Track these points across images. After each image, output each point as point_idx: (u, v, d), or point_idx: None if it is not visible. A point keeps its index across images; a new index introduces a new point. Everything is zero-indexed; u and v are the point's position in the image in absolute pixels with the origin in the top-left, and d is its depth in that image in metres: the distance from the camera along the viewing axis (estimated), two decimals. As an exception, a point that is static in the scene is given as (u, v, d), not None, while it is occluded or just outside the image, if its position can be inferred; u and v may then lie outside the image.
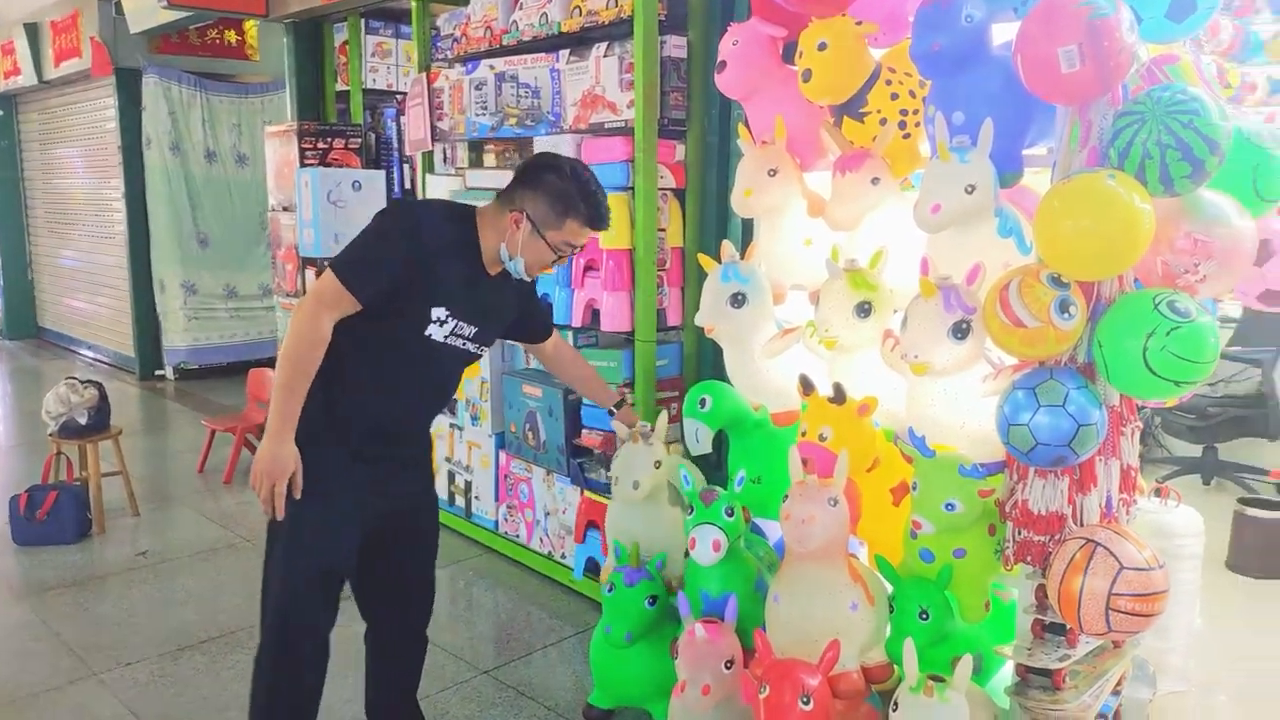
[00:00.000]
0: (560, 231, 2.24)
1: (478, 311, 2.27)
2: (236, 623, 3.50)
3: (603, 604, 2.60)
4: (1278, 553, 3.88)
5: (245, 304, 7.83)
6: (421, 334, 2.18)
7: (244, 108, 7.75)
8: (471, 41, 3.94)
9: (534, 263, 2.27)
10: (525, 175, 2.27)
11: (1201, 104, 2.06)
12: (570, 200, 2.22)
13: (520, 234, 2.21)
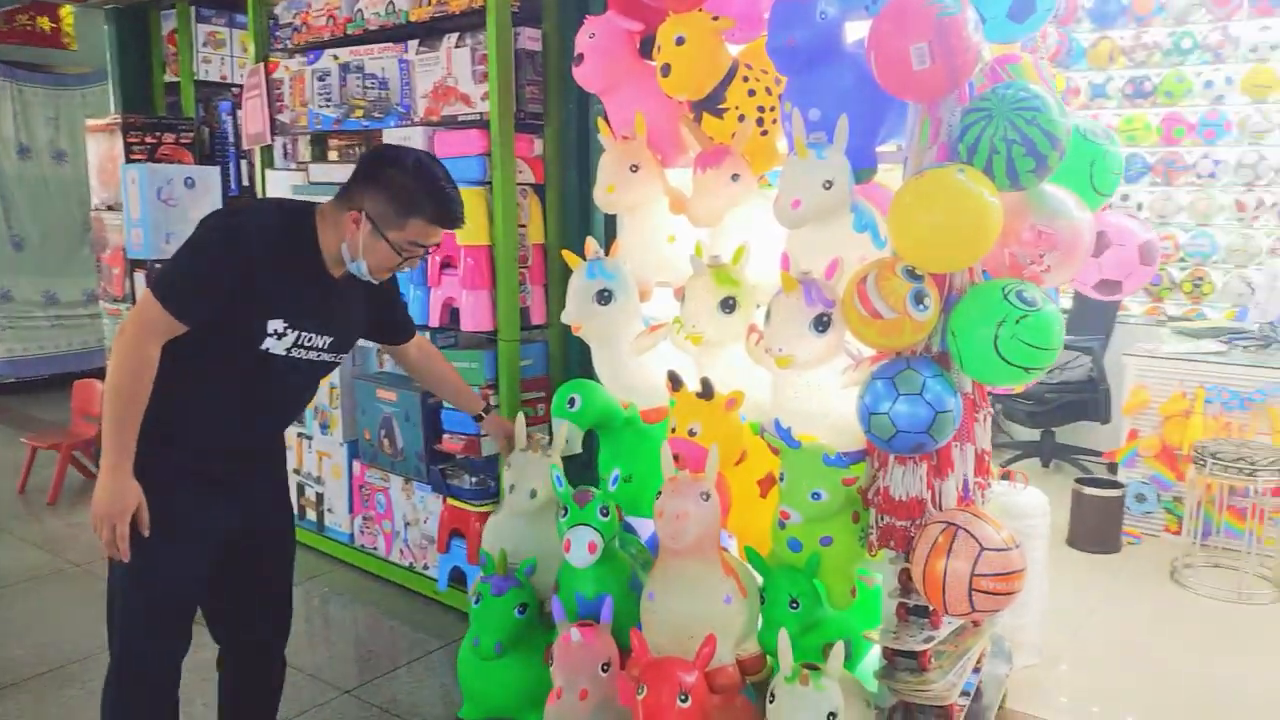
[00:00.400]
0: (403, 231, 2.04)
1: (324, 320, 2.10)
2: (66, 656, 3.23)
3: (470, 616, 2.51)
4: (1113, 528, 4.14)
5: (68, 312, 7.28)
6: (258, 349, 2.00)
7: (62, 100, 7.20)
8: (313, 30, 3.76)
9: (379, 265, 2.08)
10: (364, 170, 2.09)
11: (1043, 101, 2.15)
12: (413, 197, 2.03)
13: (360, 235, 2.02)
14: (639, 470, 2.80)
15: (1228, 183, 6.09)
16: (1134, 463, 4.36)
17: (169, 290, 1.92)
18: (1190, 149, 6.17)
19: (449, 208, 2.09)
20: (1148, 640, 3.41)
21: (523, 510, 2.62)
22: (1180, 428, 4.16)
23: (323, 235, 2.07)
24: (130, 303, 4.91)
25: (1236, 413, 4.06)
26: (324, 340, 2.12)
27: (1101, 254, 2.54)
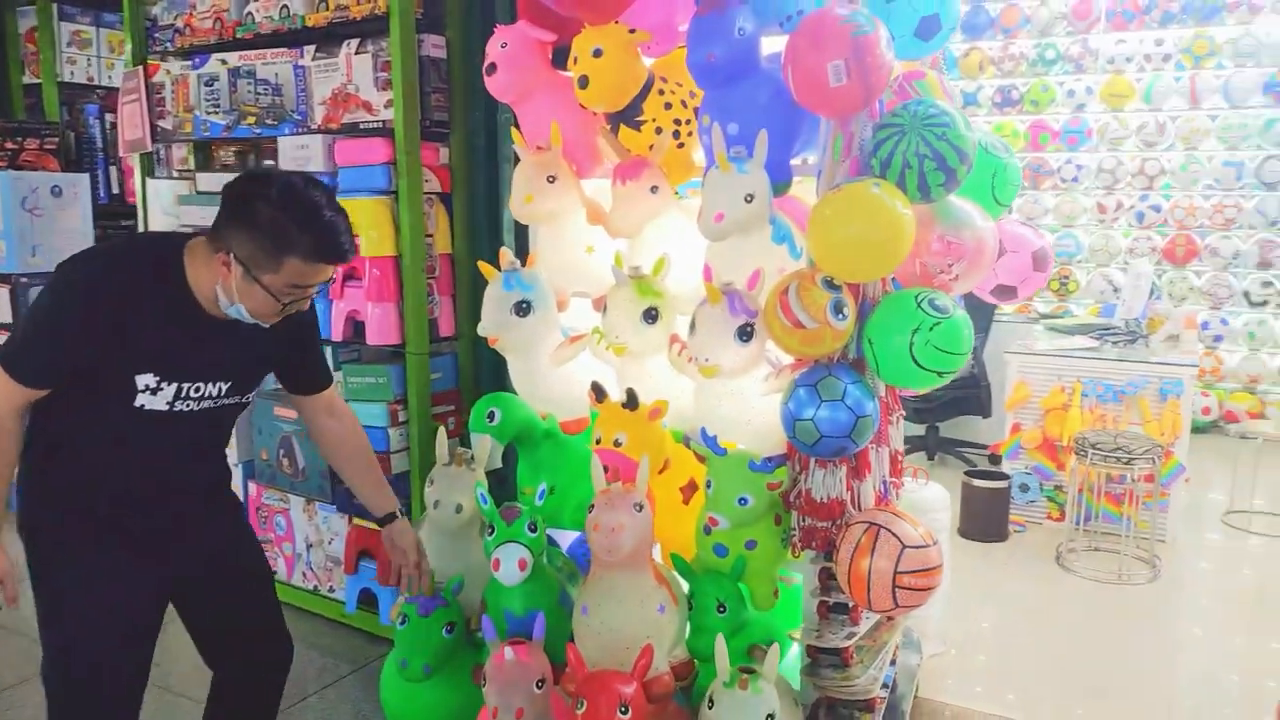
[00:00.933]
0: (279, 274, 1.77)
1: (208, 366, 1.88)
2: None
3: (395, 637, 2.46)
4: (1001, 518, 4.35)
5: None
6: (130, 405, 1.81)
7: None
8: (198, 33, 3.60)
9: (259, 311, 1.82)
10: (226, 205, 1.80)
11: (951, 117, 2.25)
12: (284, 233, 1.74)
13: (233, 279, 1.77)
14: (560, 482, 2.80)
15: (1089, 186, 6.50)
16: (1017, 455, 4.60)
17: (15, 358, 1.78)
18: (1055, 155, 6.56)
19: (330, 240, 1.80)
20: (1041, 626, 3.60)
21: (447, 527, 2.58)
22: (1060, 420, 4.41)
23: (193, 275, 1.82)
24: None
25: (1110, 405, 4.33)
26: (216, 387, 1.91)
27: (998, 260, 2.67)
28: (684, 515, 2.72)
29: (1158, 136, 6.23)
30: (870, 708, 2.58)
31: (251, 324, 1.87)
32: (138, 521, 1.92)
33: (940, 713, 2.95)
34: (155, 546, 1.94)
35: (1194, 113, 6.15)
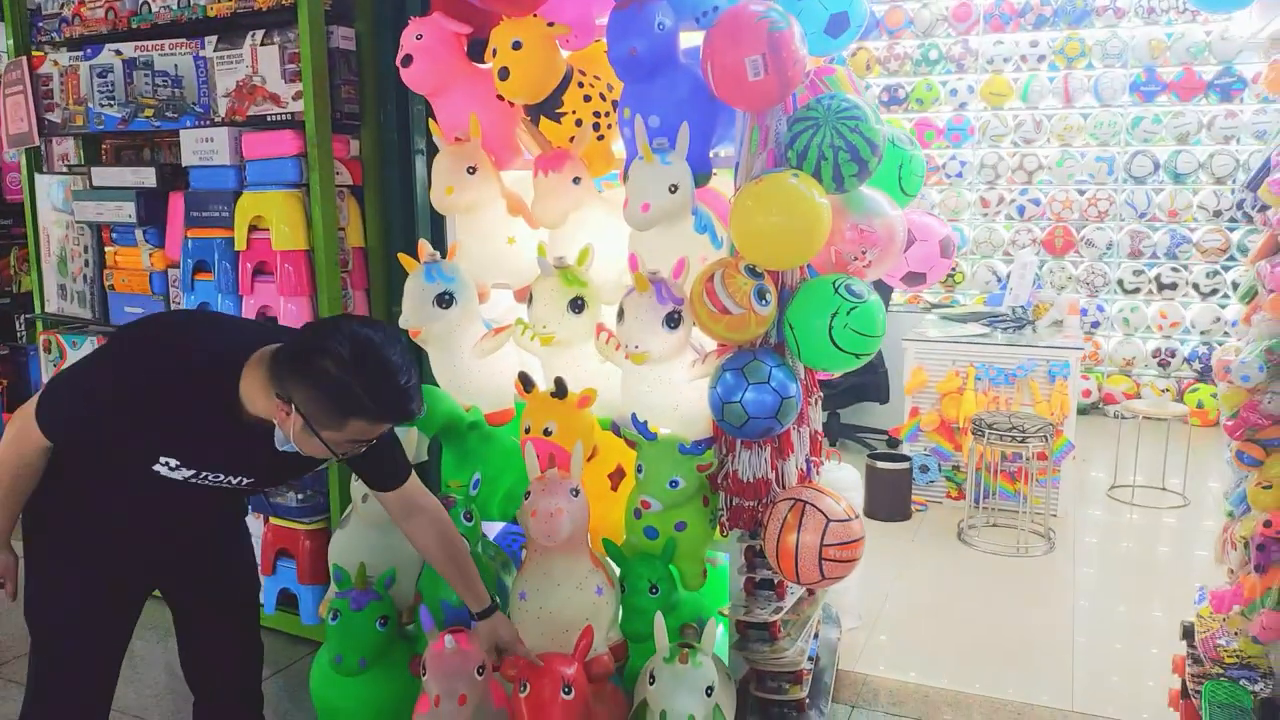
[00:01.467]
0: (342, 432, 1.69)
1: (236, 466, 1.84)
2: None
3: (327, 633, 2.43)
4: (904, 498, 4.54)
5: None
6: (149, 468, 1.78)
7: None
8: (89, 23, 3.45)
9: (315, 454, 1.75)
10: (293, 358, 1.68)
11: (862, 111, 2.35)
12: (351, 399, 1.65)
13: (291, 426, 1.69)
14: (486, 474, 2.80)
15: (972, 181, 6.80)
16: (916, 437, 4.79)
17: (46, 411, 1.76)
18: (940, 151, 6.84)
19: (401, 407, 1.71)
20: (947, 597, 3.78)
21: (376, 521, 2.55)
22: (955, 403, 4.62)
23: (247, 392, 1.73)
24: None
25: (1003, 387, 4.56)
26: (238, 480, 1.87)
27: (907, 249, 2.80)
28: (613, 501, 2.77)
29: (1035, 133, 6.57)
30: (798, 679, 2.67)
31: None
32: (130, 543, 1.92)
33: (860, 683, 3.06)
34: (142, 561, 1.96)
35: (1067, 110, 6.50)
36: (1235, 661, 2.58)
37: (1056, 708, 2.92)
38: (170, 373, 1.72)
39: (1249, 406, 2.46)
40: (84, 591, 1.89)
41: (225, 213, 3.14)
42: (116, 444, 1.77)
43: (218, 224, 3.15)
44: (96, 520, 1.88)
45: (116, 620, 1.97)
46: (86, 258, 3.56)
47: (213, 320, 2.01)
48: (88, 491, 1.86)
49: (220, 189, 3.16)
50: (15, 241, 5.06)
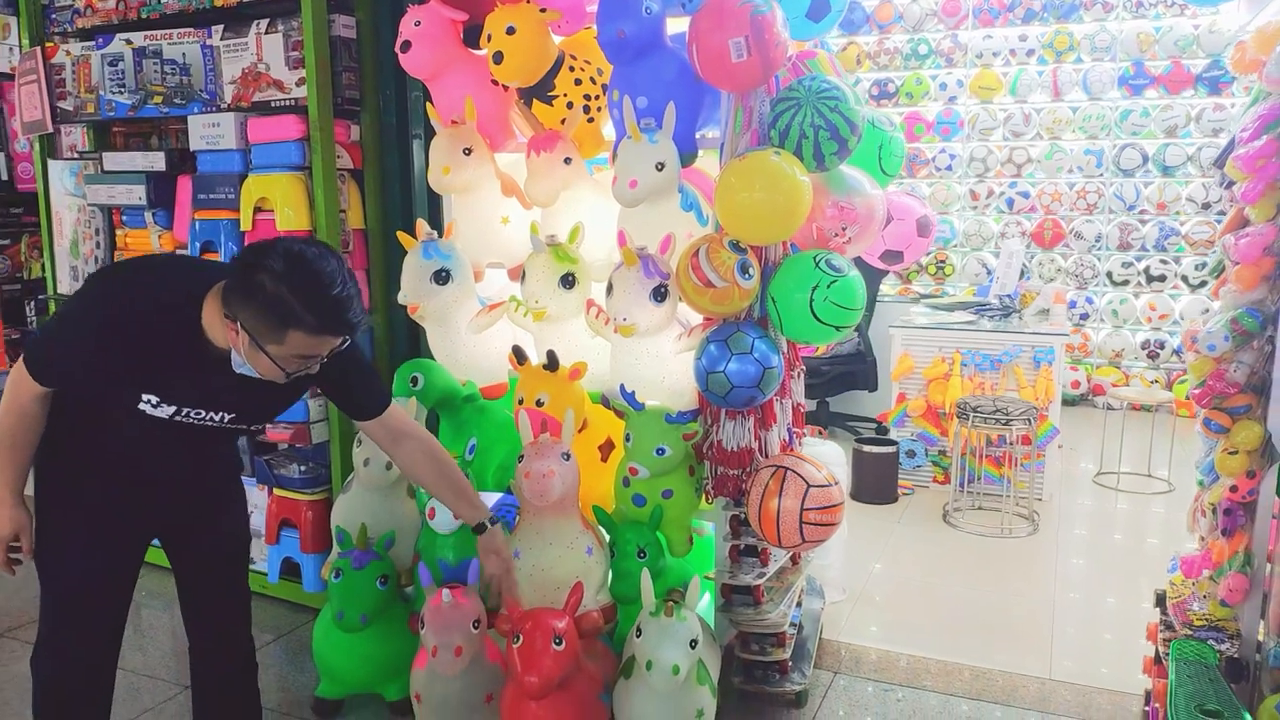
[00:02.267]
0: (283, 345, 1.75)
1: (214, 401, 1.92)
2: None
3: (330, 591, 2.54)
4: (890, 481, 4.64)
5: None
6: (135, 408, 1.88)
7: None
8: (100, 14, 3.57)
9: (269, 374, 1.82)
10: (234, 276, 1.77)
11: (842, 92, 2.46)
12: (285, 308, 1.71)
13: (240, 344, 1.78)
14: (480, 444, 2.91)
15: (962, 175, 6.90)
16: (903, 423, 4.89)
17: (34, 357, 1.87)
18: (929, 145, 6.94)
19: (336, 315, 1.76)
20: (930, 573, 3.88)
21: (377, 485, 2.67)
22: (941, 389, 4.72)
23: (209, 323, 1.83)
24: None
25: (988, 373, 4.66)
26: (219, 415, 1.95)
27: (885, 227, 2.90)
28: (603, 472, 2.87)
29: (1024, 127, 6.67)
30: (781, 642, 2.77)
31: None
32: (129, 491, 2.02)
33: (843, 650, 3.16)
34: (141, 509, 2.05)
35: (1056, 104, 6.61)
36: (1204, 624, 2.67)
37: (1035, 675, 3.01)
38: (137, 308, 1.81)
39: (1216, 375, 2.55)
40: (88, 539, 1.99)
41: (231, 195, 3.25)
42: (99, 382, 1.86)
43: (224, 206, 3.26)
44: (96, 468, 1.98)
45: (119, 566, 2.06)
46: (98, 240, 3.67)
47: (176, 260, 2.15)
48: (86, 440, 1.96)
49: (226, 172, 3.27)
50: (26, 229, 5.17)
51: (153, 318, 1.82)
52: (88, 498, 1.99)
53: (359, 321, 1.80)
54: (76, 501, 1.99)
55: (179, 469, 2.08)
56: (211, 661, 2.27)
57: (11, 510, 1.94)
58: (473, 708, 2.42)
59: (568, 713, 2.32)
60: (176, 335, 1.83)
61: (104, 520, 2.00)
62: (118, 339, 1.80)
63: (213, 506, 2.19)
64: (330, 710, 2.73)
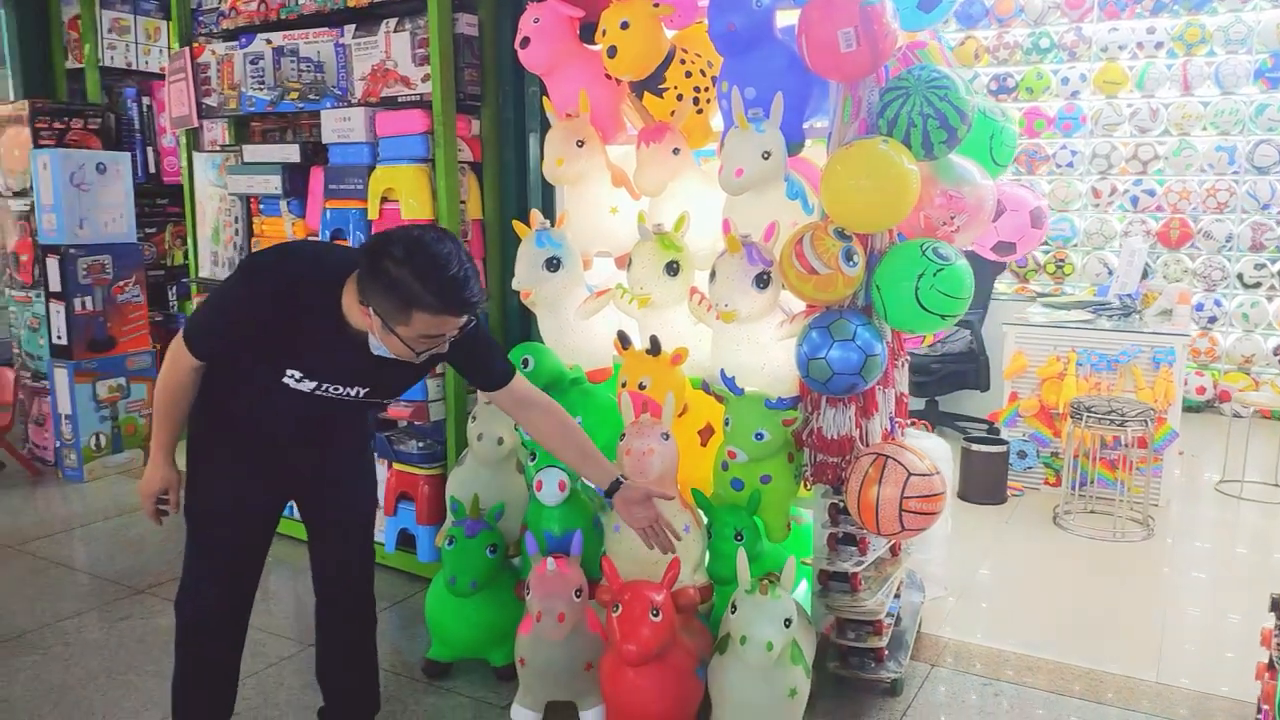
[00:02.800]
0: (409, 327, 1.87)
1: (351, 377, 2.07)
2: (22, 626, 3.25)
3: (444, 558, 2.68)
4: (999, 481, 4.56)
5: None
6: (279, 381, 2.04)
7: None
8: (242, 15, 3.82)
9: (401, 354, 1.95)
10: (363, 263, 1.90)
11: (952, 81, 2.46)
12: (408, 291, 1.83)
13: (374, 327, 1.91)
14: (585, 423, 3.00)
15: (1084, 171, 6.70)
16: (1015, 423, 4.80)
17: (193, 335, 2.04)
18: (1049, 141, 6.76)
19: (455, 295, 1.86)
20: (1037, 574, 3.81)
21: (489, 459, 2.80)
22: (1055, 389, 4.62)
23: (348, 306, 1.97)
24: (39, 290, 4.83)
25: (1105, 373, 4.53)
26: (355, 390, 2.10)
27: (998, 219, 2.88)
28: (702, 456, 2.94)
29: (1151, 122, 6.43)
30: (878, 630, 2.79)
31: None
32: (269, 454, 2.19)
33: (941, 645, 3.15)
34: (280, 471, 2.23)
35: (1186, 99, 6.35)
36: (1322, 630, 2.58)
37: (1144, 679, 2.94)
38: (286, 291, 1.96)
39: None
40: (232, 496, 2.18)
41: (360, 185, 3.44)
42: (248, 357, 2.02)
43: (353, 195, 3.46)
44: (242, 433, 2.16)
45: (258, 521, 2.25)
46: (236, 227, 3.93)
47: (320, 247, 2.34)
48: (233, 408, 2.13)
49: (356, 164, 3.46)
50: (170, 219, 5.54)
51: (299, 300, 1.97)
52: (233, 459, 2.17)
53: (476, 300, 1.89)
54: (223, 462, 2.17)
55: (316, 436, 2.23)
56: (337, 616, 2.42)
57: (163, 469, 2.14)
58: (573, 674, 2.52)
59: (664, 683, 2.39)
60: (320, 317, 1.98)
61: (247, 480, 2.18)
62: (267, 318, 1.96)
63: (346, 472, 2.33)
64: (440, 672, 2.87)
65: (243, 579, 2.26)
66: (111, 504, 4.54)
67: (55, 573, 3.74)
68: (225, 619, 2.26)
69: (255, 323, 1.97)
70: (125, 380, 4.95)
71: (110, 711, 2.73)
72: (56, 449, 4.93)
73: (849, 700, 2.78)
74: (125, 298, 4.89)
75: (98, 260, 4.76)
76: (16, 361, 5.15)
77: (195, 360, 2.05)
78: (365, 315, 1.91)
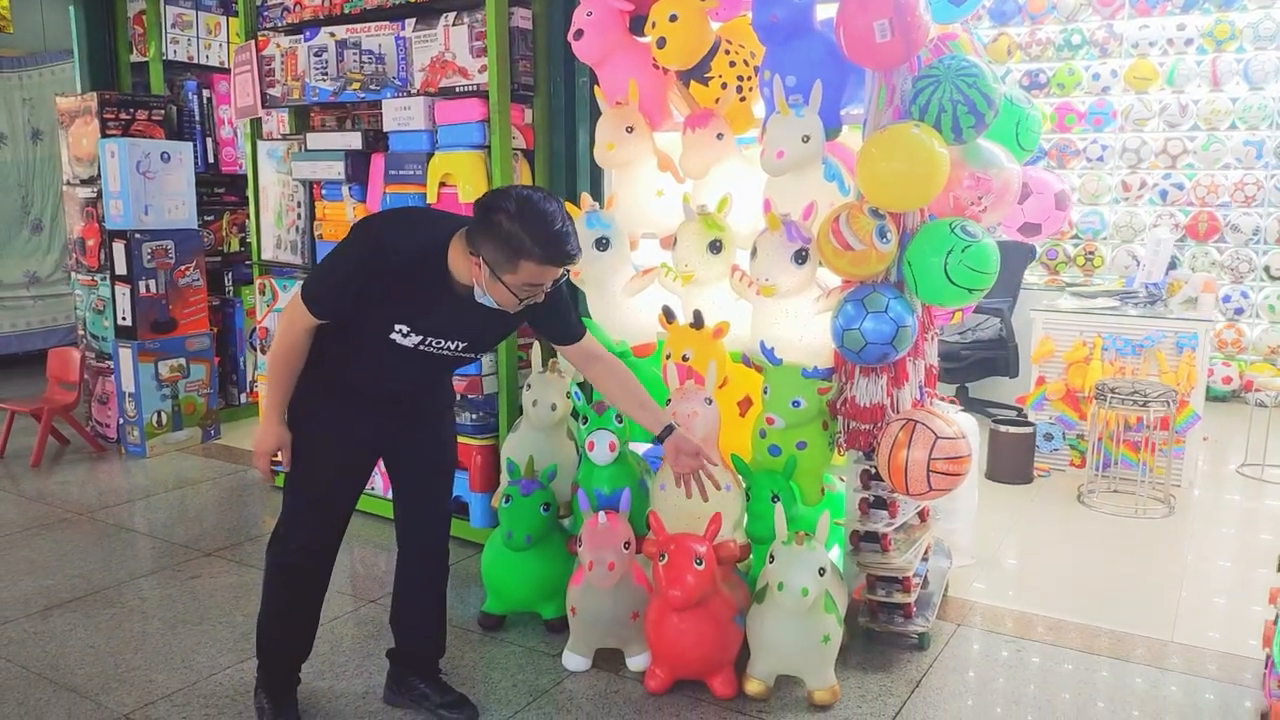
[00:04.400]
0: (516, 275, 2.07)
1: (452, 330, 2.25)
2: (99, 584, 3.48)
3: (500, 515, 2.88)
4: (1026, 462, 4.70)
5: (9, 293, 7.25)
6: (387, 338, 2.22)
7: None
8: (307, 10, 4.04)
9: (503, 302, 2.14)
10: (476, 216, 2.11)
11: (981, 69, 2.62)
12: (518, 242, 2.03)
13: (483, 277, 2.10)
14: (632, 397, 3.19)
15: (1114, 165, 6.80)
16: (1042, 406, 4.93)
17: (312, 293, 2.22)
18: (1080, 136, 6.87)
19: (559, 248, 2.07)
20: (1061, 547, 3.95)
21: (542, 424, 2.99)
22: (1081, 372, 4.75)
23: (453, 261, 2.16)
24: (104, 274, 5.09)
25: (1129, 358, 4.66)
26: (454, 344, 2.28)
27: (1024, 201, 3.04)
28: (741, 426, 3.12)
29: (1180, 118, 6.53)
30: (906, 588, 2.95)
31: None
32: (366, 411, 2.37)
33: (966, 607, 3.30)
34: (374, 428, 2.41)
35: (1215, 95, 6.44)
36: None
37: (1155, 637, 3.09)
38: (397, 250, 2.16)
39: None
40: (329, 453, 2.37)
41: (419, 171, 3.65)
42: (361, 314, 2.20)
43: (412, 180, 3.66)
44: (342, 393, 2.34)
45: (351, 479, 2.45)
46: (299, 212, 4.15)
47: (424, 212, 2.69)
48: (338, 367, 2.31)
49: (415, 150, 3.67)
50: (227, 208, 5.79)
51: (409, 258, 2.16)
52: (332, 418, 2.35)
53: (576, 254, 2.11)
54: (323, 421, 2.35)
55: (412, 393, 2.42)
56: (417, 562, 2.61)
57: (276, 428, 2.32)
58: (621, 623, 2.70)
59: (705, 629, 2.58)
60: (427, 273, 2.17)
61: (343, 438, 2.37)
62: (382, 275, 2.14)
63: (433, 429, 2.52)
64: (494, 624, 3.07)
65: (334, 527, 2.46)
66: (173, 477, 4.78)
67: (125, 537, 3.98)
68: (316, 561, 2.47)
69: (371, 280, 2.14)
70: (185, 361, 5.19)
71: (186, 657, 2.95)
72: (119, 425, 5.18)
73: (878, 653, 2.94)
74: (186, 281, 5.13)
75: (161, 245, 5.00)
76: (81, 342, 5.41)
77: (313, 320, 2.22)
78: (474, 266, 2.10)
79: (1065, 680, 2.85)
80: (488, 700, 2.68)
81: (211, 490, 4.57)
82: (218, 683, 2.79)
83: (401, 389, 2.39)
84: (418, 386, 2.43)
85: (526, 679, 2.80)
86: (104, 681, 2.80)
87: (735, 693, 2.64)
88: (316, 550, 2.46)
